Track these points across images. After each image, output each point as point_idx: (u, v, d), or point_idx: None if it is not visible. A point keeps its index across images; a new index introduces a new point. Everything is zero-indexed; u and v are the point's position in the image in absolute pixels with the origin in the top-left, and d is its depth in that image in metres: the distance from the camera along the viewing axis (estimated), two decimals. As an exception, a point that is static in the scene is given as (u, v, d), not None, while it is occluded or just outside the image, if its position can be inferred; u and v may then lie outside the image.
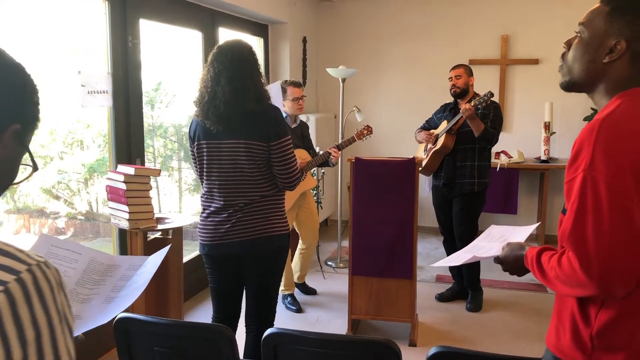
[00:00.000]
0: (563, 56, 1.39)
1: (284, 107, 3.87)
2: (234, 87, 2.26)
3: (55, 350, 0.73)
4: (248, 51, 2.35)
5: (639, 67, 1.28)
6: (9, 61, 0.85)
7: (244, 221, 2.35)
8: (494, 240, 1.69)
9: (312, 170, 4.21)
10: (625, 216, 1.15)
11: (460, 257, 1.70)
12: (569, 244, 1.21)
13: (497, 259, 1.52)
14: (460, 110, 3.70)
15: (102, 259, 1.37)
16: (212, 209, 2.41)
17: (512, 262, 1.47)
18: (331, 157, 3.80)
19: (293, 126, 3.93)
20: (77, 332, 1.14)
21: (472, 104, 3.68)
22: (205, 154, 2.39)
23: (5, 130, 0.82)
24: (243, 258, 2.43)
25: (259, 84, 2.34)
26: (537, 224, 1.83)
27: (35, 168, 0.90)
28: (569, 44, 1.37)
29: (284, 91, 3.87)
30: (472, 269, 4.03)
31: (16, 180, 0.88)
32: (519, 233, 1.67)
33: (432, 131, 4.07)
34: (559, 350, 1.33)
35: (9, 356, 0.68)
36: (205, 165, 2.40)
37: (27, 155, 0.88)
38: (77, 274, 1.31)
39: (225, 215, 2.37)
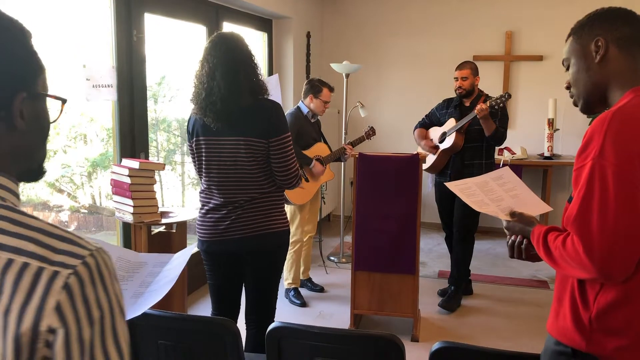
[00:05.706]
0: (571, 92, 1.46)
1: (311, 103, 3.97)
2: (228, 82, 2.21)
3: (114, 331, 0.76)
4: (242, 44, 2.29)
5: (629, 50, 1.35)
6: None
7: (244, 218, 2.32)
8: (505, 189, 1.70)
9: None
10: (630, 205, 1.19)
11: (471, 191, 1.72)
12: (573, 228, 1.25)
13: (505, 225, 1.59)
14: (475, 110, 3.62)
15: (128, 257, 1.40)
16: (211, 205, 2.37)
17: (517, 232, 1.53)
18: (346, 153, 4.12)
19: (312, 121, 4.08)
20: None
21: (488, 105, 3.60)
22: (204, 150, 2.34)
23: (12, 103, 0.81)
24: (242, 254, 2.40)
25: (254, 76, 2.28)
26: (550, 210, 1.81)
27: (64, 101, 0.92)
28: (568, 82, 1.46)
29: (319, 89, 3.96)
30: (460, 264, 4.00)
31: (52, 120, 0.91)
32: (531, 206, 1.64)
33: (431, 140, 4.04)
34: (559, 332, 1.36)
35: (81, 334, 0.72)
36: (204, 162, 2.36)
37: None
38: None
39: (225, 212, 2.33)
